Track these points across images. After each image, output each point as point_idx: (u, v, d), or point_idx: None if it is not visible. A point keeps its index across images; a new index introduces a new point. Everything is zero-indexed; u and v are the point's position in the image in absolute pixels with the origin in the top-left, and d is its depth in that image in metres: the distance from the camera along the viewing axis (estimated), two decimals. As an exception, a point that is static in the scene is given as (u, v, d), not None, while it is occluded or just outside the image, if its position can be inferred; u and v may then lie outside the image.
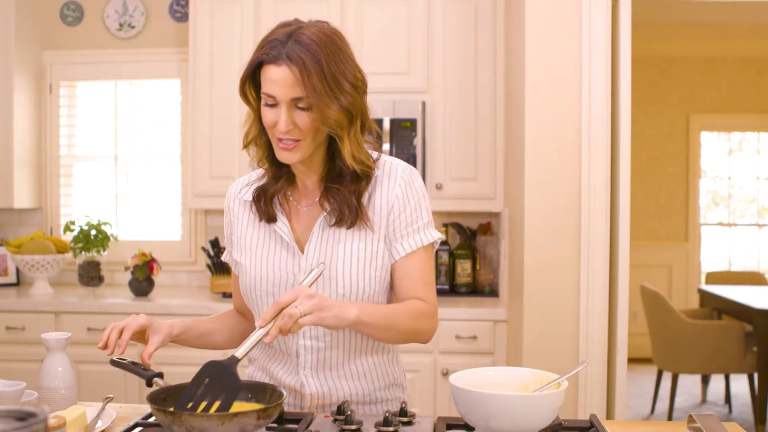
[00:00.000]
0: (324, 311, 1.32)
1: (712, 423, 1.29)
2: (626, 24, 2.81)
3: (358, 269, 1.48)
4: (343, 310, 1.35)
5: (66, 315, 3.43)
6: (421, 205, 1.53)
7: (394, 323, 1.45)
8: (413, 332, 1.50)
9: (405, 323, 1.47)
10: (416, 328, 1.50)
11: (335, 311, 1.34)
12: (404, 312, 1.48)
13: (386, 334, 1.46)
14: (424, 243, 1.52)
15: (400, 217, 1.51)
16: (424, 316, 1.51)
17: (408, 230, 1.51)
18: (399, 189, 1.51)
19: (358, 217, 1.48)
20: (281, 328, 1.28)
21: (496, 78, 3.50)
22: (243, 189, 1.61)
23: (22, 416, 0.78)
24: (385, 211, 1.51)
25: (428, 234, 1.53)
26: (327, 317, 1.33)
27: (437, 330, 3.36)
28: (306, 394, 1.53)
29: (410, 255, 1.51)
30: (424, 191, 1.55)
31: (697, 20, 5.49)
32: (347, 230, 1.49)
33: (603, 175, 2.76)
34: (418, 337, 1.52)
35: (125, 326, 1.44)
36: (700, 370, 4.49)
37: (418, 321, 1.49)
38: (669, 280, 6.55)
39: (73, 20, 4.05)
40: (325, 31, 1.42)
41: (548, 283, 2.79)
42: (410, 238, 1.51)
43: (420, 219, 1.52)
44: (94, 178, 4.14)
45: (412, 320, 1.48)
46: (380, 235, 1.51)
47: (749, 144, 6.77)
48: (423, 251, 1.53)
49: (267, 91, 1.41)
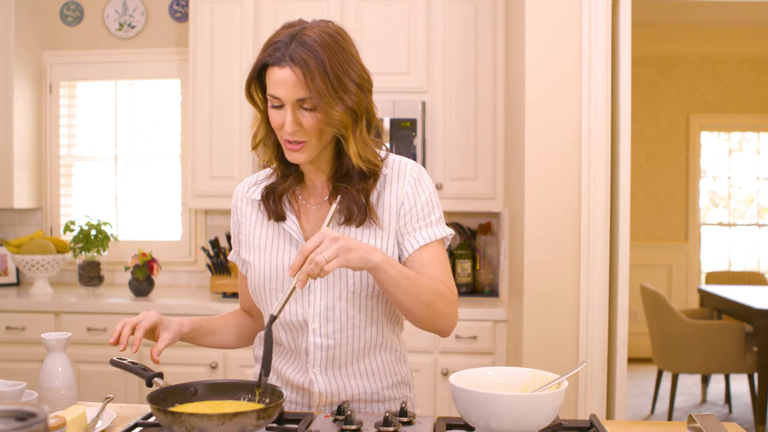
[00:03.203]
0: (350, 253, 1.32)
1: (712, 423, 1.29)
2: (626, 24, 2.80)
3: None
4: (370, 252, 1.35)
5: (66, 315, 3.43)
6: (432, 201, 1.54)
7: (416, 289, 1.42)
8: (432, 308, 1.46)
9: (426, 294, 1.44)
10: (436, 306, 1.46)
11: (361, 252, 1.34)
12: (428, 284, 1.45)
13: (405, 296, 1.42)
14: (438, 236, 1.52)
15: (411, 212, 1.51)
16: (446, 298, 1.48)
17: (420, 224, 1.52)
18: (409, 186, 1.52)
19: (367, 216, 1.49)
20: (309, 273, 1.30)
21: (496, 78, 3.50)
22: (251, 188, 1.61)
23: (22, 416, 0.78)
24: (394, 208, 1.51)
25: (441, 228, 1.54)
26: (352, 259, 1.33)
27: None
28: (315, 392, 1.53)
29: (424, 247, 1.51)
30: (434, 188, 1.56)
31: (697, 20, 5.49)
32: (356, 228, 1.50)
33: (603, 175, 2.76)
34: (437, 320, 1.49)
35: (138, 324, 1.44)
36: (700, 370, 4.49)
37: (440, 299, 1.47)
38: (669, 280, 6.55)
39: (73, 20, 4.05)
40: (328, 31, 1.42)
41: (548, 283, 2.79)
42: (423, 231, 1.52)
43: (432, 213, 1.53)
44: (94, 178, 4.14)
45: (433, 295, 1.45)
46: (390, 233, 1.51)
47: (749, 144, 6.77)
48: (437, 244, 1.53)
49: (272, 92, 1.41)
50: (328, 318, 1.50)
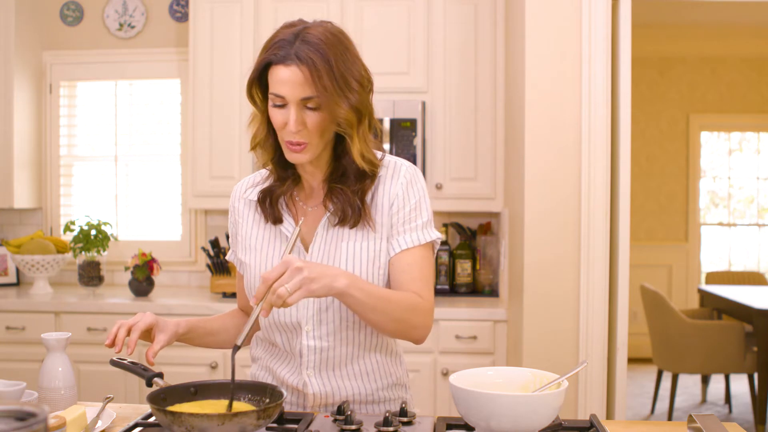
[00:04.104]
0: (313, 283, 1.29)
1: (712, 423, 1.29)
2: (626, 24, 2.80)
3: (361, 268, 1.49)
4: (334, 279, 1.32)
5: (66, 315, 3.43)
6: (421, 204, 1.52)
7: (385, 307, 1.40)
8: (405, 323, 1.44)
9: (397, 311, 1.42)
10: (408, 320, 1.44)
11: (325, 281, 1.31)
12: (399, 299, 1.43)
13: (374, 315, 1.40)
14: (422, 241, 1.51)
15: (399, 213, 1.51)
16: (419, 310, 1.46)
17: (406, 227, 1.51)
18: (400, 187, 1.51)
19: (361, 217, 1.48)
20: (272, 304, 1.27)
21: (496, 78, 3.50)
22: (248, 190, 1.61)
23: (22, 416, 0.78)
24: (386, 209, 1.51)
25: (427, 233, 1.52)
26: (316, 289, 1.30)
27: (437, 330, 3.35)
28: (309, 394, 1.53)
29: (408, 251, 1.50)
30: (425, 191, 1.55)
31: (697, 20, 5.49)
32: (350, 230, 1.50)
33: (603, 175, 2.76)
34: (411, 331, 1.47)
35: (133, 325, 1.43)
36: (700, 370, 4.49)
37: (412, 313, 1.45)
38: (669, 280, 6.55)
39: (73, 20, 4.05)
40: (331, 30, 1.42)
41: (548, 283, 2.79)
42: (408, 234, 1.51)
43: (419, 217, 1.52)
44: (94, 178, 4.14)
45: (405, 309, 1.43)
46: (383, 234, 1.51)
47: (749, 144, 6.77)
48: (422, 249, 1.52)
49: (276, 91, 1.40)
50: (322, 320, 1.50)
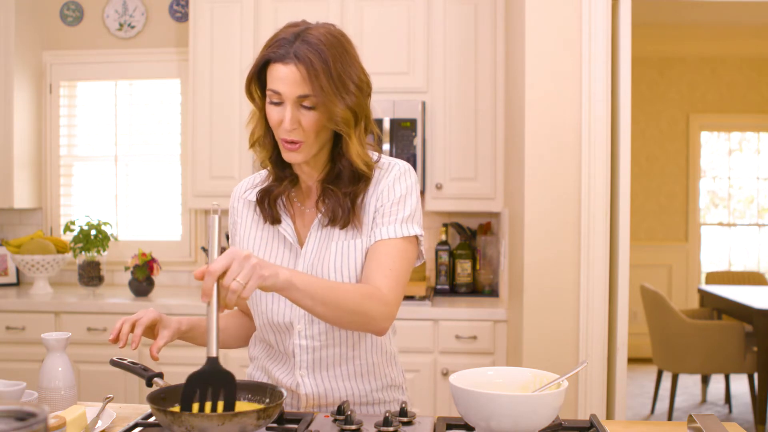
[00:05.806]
0: (264, 269, 1.24)
1: (712, 423, 1.29)
2: (626, 24, 2.80)
3: (349, 267, 1.49)
4: (277, 270, 1.28)
5: (66, 315, 3.43)
6: (405, 199, 1.51)
7: (335, 297, 1.35)
8: (361, 315, 1.39)
9: (349, 301, 1.37)
10: (365, 311, 1.39)
11: (272, 269, 1.26)
12: (350, 289, 1.38)
13: (326, 309, 1.35)
14: (398, 234, 1.48)
15: (384, 206, 1.50)
16: (374, 298, 1.40)
17: (386, 219, 1.49)
18: (388, 182, 1.51)
19: (350, 219, 1.49)
20: (227, 304, 1.24)
21: (496, 78, 3.50)
22: (248, 190, 1.62)
23: (22, 416, 0.78)
24: (373, 207, 1.51)
25: (406, 227, 1.49)
26: (267, 276, 1.25)
27: (437, 330, 3.35)
28: (302, 395, 1.53)
29: (383, 242, 1.48)
30: (413, 188, 1.53)
31: (697, 20, 5.49)
32: (340, 230, 1.50)
33: (603, 175, 2.76)
34: (368, 322, 1.41)
35: (137, 321, 1.44)
36: (700, 370, 4.49)
37: (369, 301, 1.39)
38: (669, 280, 6.55)
39: (73, 20, 4.05)
40: (332, 32, 1.43)
41: (548, 283, 2.79)
42: (386, 227, 1.49)
43: (401, 211, 1.50)
44: (94, 178, 4.14)
45: (360, 299, 1.38)
46: (369, 233, 1.51)
47: (749, 144, 6.77)
48: (400, 242, 1.49)
49: (273, 87, 1.41)
50: (314, 320, 1.50)
